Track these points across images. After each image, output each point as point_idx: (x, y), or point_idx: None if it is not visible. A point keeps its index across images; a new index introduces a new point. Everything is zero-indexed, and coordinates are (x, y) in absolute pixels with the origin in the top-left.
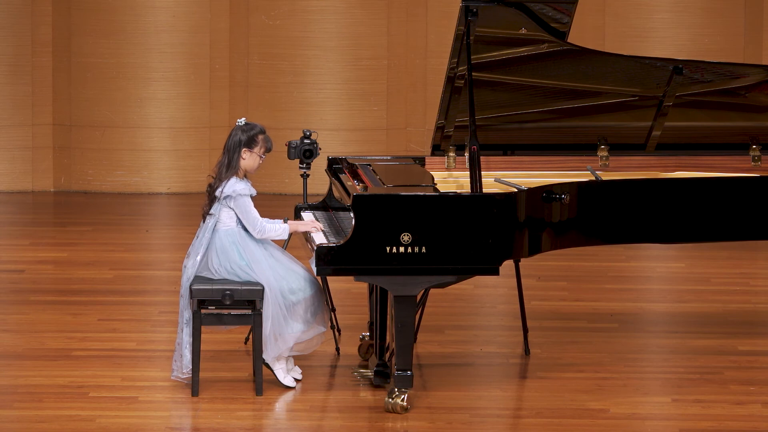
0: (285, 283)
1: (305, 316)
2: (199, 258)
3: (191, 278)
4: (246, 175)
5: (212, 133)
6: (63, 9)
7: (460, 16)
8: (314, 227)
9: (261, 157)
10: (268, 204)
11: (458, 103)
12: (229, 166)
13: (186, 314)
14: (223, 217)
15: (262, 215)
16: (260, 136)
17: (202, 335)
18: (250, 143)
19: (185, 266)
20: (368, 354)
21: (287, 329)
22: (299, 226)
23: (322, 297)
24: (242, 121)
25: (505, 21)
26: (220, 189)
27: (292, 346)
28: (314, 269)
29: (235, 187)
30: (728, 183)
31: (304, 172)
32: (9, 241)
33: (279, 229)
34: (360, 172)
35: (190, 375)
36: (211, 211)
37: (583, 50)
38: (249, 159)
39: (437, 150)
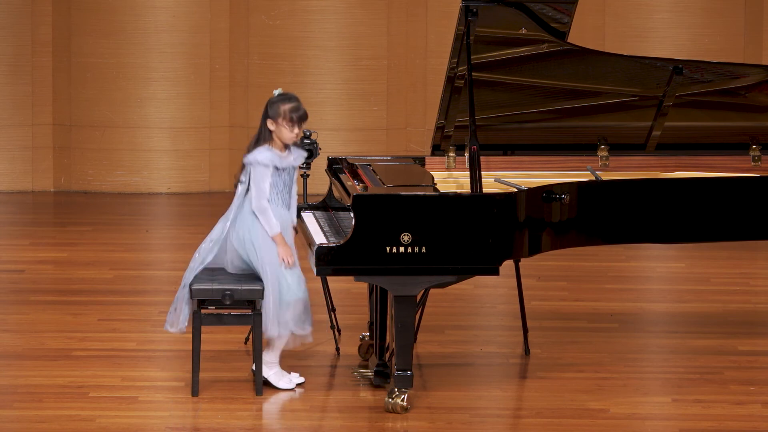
0: (284, 279)
1: (291, 317)
2: (228, 224)
3: (214, 240)
4: (289, 147)
5: (212, 133)
6: (63, 9)
7: (460, 16)
8: (289, 259)
9: (287, 126)
10: None
11: (458, 103)
12: (258, 138)
13: (188, 276)
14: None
15: None
16: (282, 106)
17: (202, 335)
18: (272, 114)
19: (215, 228)
20: (368, 354)
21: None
22: (282, 245)
23: (308, 305)
24: (277, 91)
25: (505, 21)
26: (246, 156)
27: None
28: (314, 269)
29: (258, 156)
30: (728, 183)
31: (304, 172)
32: (9, 241)
33: (272, 224)
34: (360, 172)
35: (182, 331)
36: (242, 178)
37: (583, 50)
38: (277, 130)
39: (437, 150)
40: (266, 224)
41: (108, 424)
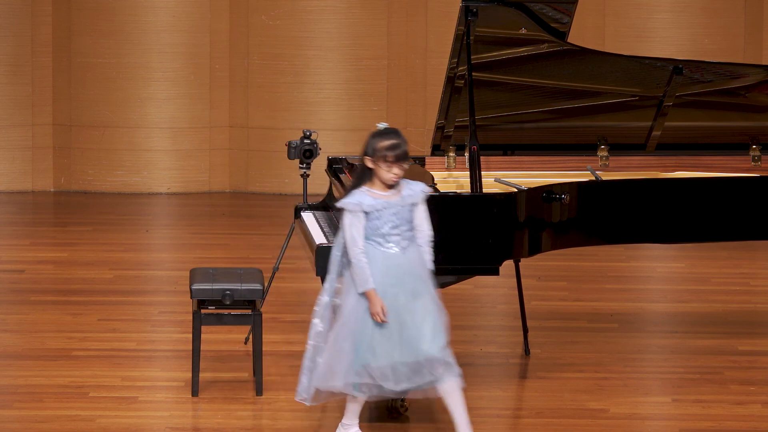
0: (370, 338)
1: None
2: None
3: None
4: (397, 184)
5: (212, 133)
6: (63, 9)
7: (460, 16)
8: (379, 314)
9: (384, 166)
10: (269, 204)
11: (458, 103)
12: (358, 177)
13: (318, 326)
14: None
15: (262, 215)
16: (378, 143)
17: (202, 335)
18: (369, 151)
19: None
20: None
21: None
22: (373, 300)
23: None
24: (381, 125)
25: (505, 21)
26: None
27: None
28: (315, 269)
29: (345, 199)
30: (728, 183)
31: (304, 172)
32: (9, 241)
33: (361, 280)
34: None
35: (309, 399)
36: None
37: (583, 50)
38: (375, 168)
39: (437, 150)
40: (355, 278)
41: (108, 424)
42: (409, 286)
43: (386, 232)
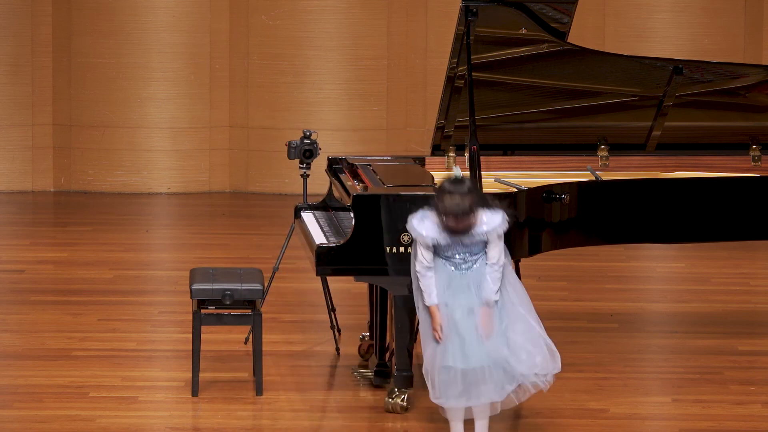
0: (445, 343)
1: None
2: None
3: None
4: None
5: (212, 133)
6: (63, 9)
7: (460, 16)
8: (437, 331)
9: (442, 221)
10: (269, 204)
11: (458, 103)
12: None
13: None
14: None
15: (262, 215)
16: (438, 202)
17: (202, 335)
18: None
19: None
20: (368, 354)
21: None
22: (434, 317)
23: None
24: (456, 172)
25: (505, 21)
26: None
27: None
28: (314, 269)
29: (416, 221)
30: (728, 183)
31: (304, 172)
32: (9, 241)
33: (427, 296)
34: (360, 172)
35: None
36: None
37: (583, 50)
38: None
39: (437, 150)
40: (424, 294)
41: (108, 424)
42: (464, 302)
43: (449, 255)
